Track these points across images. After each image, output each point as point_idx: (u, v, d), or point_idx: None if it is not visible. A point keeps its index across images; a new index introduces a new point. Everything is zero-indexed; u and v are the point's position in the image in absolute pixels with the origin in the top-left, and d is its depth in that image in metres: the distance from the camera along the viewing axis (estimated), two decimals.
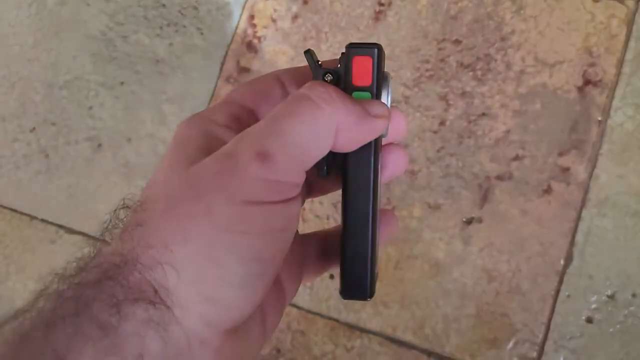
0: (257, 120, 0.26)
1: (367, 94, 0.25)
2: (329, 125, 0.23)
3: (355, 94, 0.25)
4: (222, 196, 0.21)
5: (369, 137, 0.25)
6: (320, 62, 0.27)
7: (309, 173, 0.27)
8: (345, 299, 0.27)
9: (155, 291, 0.20)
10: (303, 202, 0.27)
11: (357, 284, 0.27)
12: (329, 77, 0.26)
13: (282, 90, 0.27)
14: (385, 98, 0.26)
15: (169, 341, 0.20)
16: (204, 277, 0.21)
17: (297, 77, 0.27)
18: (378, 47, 0.25)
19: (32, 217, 0.77)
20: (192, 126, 0.25)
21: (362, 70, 0.25)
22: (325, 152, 0.23)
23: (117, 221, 0.23)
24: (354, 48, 0.25)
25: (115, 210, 0.24)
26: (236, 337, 0.23)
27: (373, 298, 0.27)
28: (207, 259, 0.21)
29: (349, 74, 0.25)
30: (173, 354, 0.20)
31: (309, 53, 0.26)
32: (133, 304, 0.20)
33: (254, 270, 0.21)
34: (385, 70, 0.27)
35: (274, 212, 0.22)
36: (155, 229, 0.21)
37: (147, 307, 0.20)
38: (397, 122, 0.27)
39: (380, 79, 0.26)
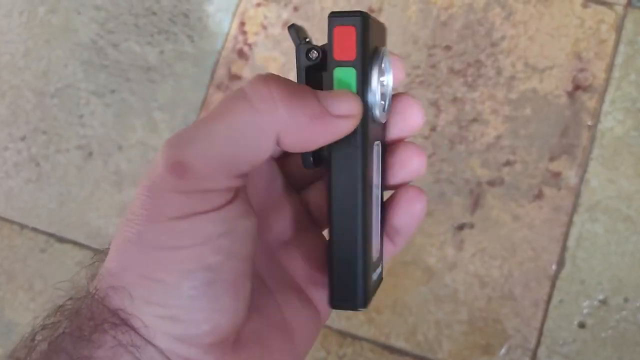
0: None
1: (352, 70, 0.22)
2: (265, 132, 0.20)
3: (337, 70, 0.22)
4: (145, 216, 0.20)
5: (330, 139, 0.22)
6: (308, 39, 0.23)
7: (292, 163, 0.26)
8: (333, 308, 0.24)
9: (117, 316, 0.20)
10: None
11: (346, 292, 0.23)
12: (314, 55, 0.23)
13: None
14: (376, 76, 0.23)
15: None
16: (152, 298, 0.20)
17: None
18: (363, 15, 0.22)
19: (23, 226, 0.77)
20: None
21: (344, 43, 0.22)
22: (265, 157, 0.21)
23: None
24: (335, 17, 0.22)
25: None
26: (243, 351, 0.22)
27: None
28: (148, 280, 0.20)
29: (330, 48, 0.22)
30: None
31: (293, 28, 0.23)
32: (101, 332, 0.20)
33: (201, 279, 0.20)
34: (383, 46, 0.24)
35: (208, 220, 0.20)
36: (105, 259, 0.22)
37: (114, 332, 0.20)
38: (410, 112, 0.25)
39: (367, 52, 0.22)
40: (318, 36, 0.84)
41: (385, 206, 0.26)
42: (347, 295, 0.23)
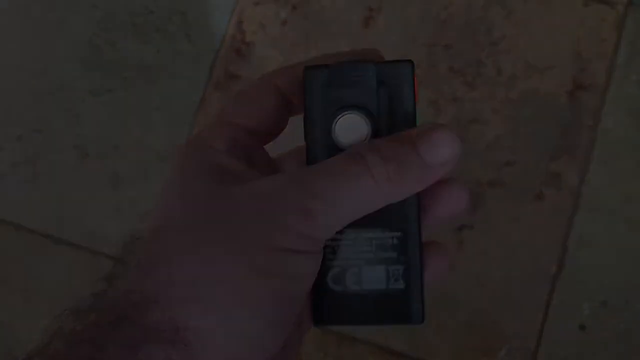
0: (254, 138, 0.25)
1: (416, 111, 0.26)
2: (381, 200, 0.23)
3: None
4: (260, 241, 0.21)
5: (426, 186, 0.24)
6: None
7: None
8: (420, 324, 0.25)
9: (177, 330, 0.20)
10: None
11: (423, 307, 0.26)
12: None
13: (276, 98, 0.26)
14: None
15: None
16: (235, 315, 0.21)
17: (291, 77, 0.26)
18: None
19: (18, 227, 0.76)
20: (194, 154, 0.25)
21: (416, 88, 0.26)
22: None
23: (129, 254, 0.23)
24: (413, 66, 0.26)
25: (126, 242, 0.23)
26: None
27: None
28: (239, 298, 0.21)
29: (413, 94, 0.26)
30: None
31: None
32: (151, 344, 0.20)
33: (285, 308, 0.22)
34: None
35: (308, 259, 0.22)
36: (179, 264, 0.21)
37: (165, 347, 0.20)
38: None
39: None
40: (317, 35, 0.83)
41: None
42: (422, 310, 0.25)
